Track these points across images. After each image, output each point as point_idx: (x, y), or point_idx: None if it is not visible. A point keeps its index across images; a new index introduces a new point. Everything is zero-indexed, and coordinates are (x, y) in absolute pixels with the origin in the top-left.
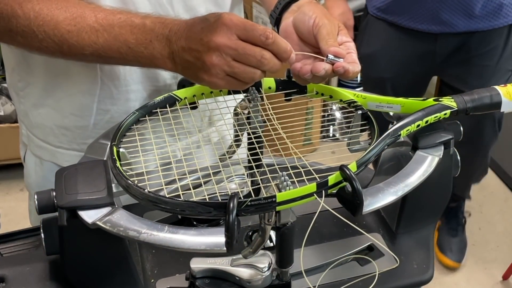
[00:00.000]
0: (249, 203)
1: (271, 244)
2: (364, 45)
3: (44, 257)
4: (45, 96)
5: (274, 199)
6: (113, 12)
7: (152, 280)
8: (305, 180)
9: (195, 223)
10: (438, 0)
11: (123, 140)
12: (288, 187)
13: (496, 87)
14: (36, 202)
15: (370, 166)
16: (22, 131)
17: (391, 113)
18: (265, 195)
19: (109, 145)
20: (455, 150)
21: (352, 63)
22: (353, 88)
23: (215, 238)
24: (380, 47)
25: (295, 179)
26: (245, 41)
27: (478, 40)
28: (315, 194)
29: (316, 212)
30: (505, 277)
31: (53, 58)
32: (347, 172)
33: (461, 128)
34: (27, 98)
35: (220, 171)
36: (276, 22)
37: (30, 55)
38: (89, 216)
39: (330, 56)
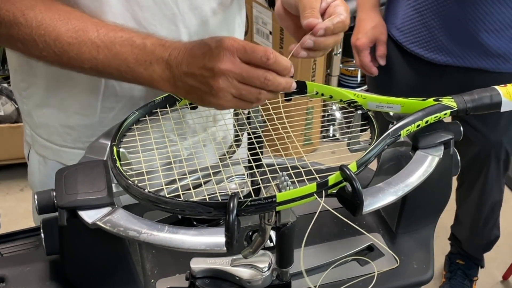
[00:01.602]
0: (249, 203)
1: (271, 244)
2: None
3: (44, 257)
4: (48, 96)
5: (274, 199)
6: (115, 28)
7: (152, 280)
8: (305, 180)
9: (195, 223)
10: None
11: (123, 140)
12: (288, 187)
13: (496, 87)
14: (36, 202)
15: (373, 165)
16: (26, 130)
17: (391, 113)
18: (265, 195)
19: (109, 145)
20: (455, 150)
21: (334, 17)
22: (354, 88)
23: (215, 238)
24: (391, 74)
25: (295, 179)
26: (248, 63)
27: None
28: (315, 194)
29: (316, 212)
30: (505, 277)
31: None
32: (347, 172)
33: (461, 128)
34: (30, 98)
35: (220, 171)
36: (270, 3)
37: None
38: (89, 216)
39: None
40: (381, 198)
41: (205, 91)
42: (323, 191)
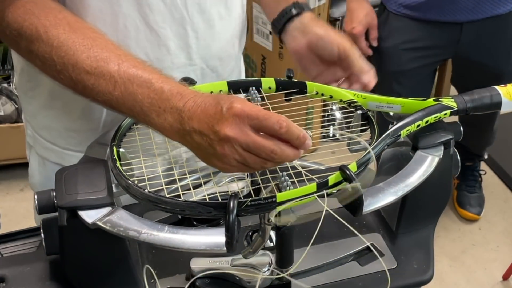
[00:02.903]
0: (249, 203)
1: (271, 244)
2: (384, 39)
3: (44, 257)
4: (52, 98)
5: (274, 199)
6: (137, 65)
7: (152, 280)
8: (305, 180)
9: (195, 223)
10: None
11: (123, 140)
12: (288, 187)
13: (496, 87)
14: (36, 202)
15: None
16: (27, 131)
17: (391, 113)
18: (265, 195)
19: (109, 145)
20: (455, 150)
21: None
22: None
23: (215, 238)
24: (401, 41)
25: (295, 179)
26: (259, 130)
27: (503, 24)
28: (315, 194)
29: (316, 212)
30: (505, 277)
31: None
32: (347, 172)
33: (461, 128)
34: (35, 99)
35: (220, 171)
36: (279, 31)
37: None
38: (89, 216)
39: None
40: (381, 198)
41: (210, 153)
42: (324, 191)
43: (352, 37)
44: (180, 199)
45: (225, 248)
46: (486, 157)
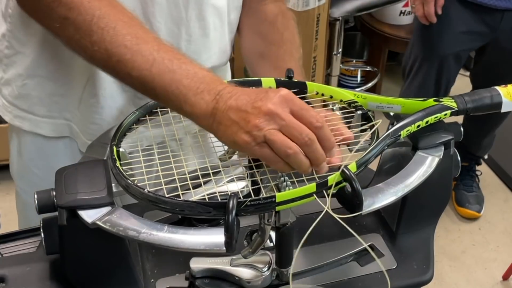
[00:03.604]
0: (249, 203)
1: (271, 244)
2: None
3: (44, 257)
4: (35, 66)
5: (273, 199)
6: (175, 50)
7: (152, 280)
8: (305, 180)
9: (194, 222)
10: None
11: (123, 139)
12: (287, 187)
13: (497, 87)
14: (36, 201)
15: (374, 166)
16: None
17: (392, 113)
18: (264, 195)
19: (109, 145)
20: (455, 150)
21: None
22: (353, 87)
23: (215, 238)
24: (445, 24)
25: (295, 179)
26: (296, 117)
27: None
28: (314, 195)
29: (316, 212)
30: (505, 277)
31: (55, 36)
32: (347, 172)
33: (462, 129)
34: (12, 66)
35: (220, 171)
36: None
37: (30, 24)
38: (88, 215)
39: None
40: (380, 198)
41: (240, 126)
42: (324, 192)
43: (421, 1)
44: (179, 199)
45: (224, 248)
46: (486, 157)
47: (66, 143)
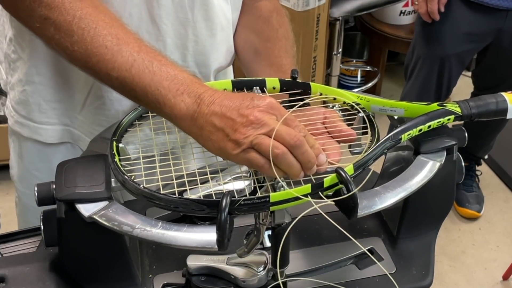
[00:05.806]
0: (242, 202)
1: (269, 244)
2: (430, 22)
3: (44, 257)
4: (32, 73)
5: (267, 199)
6: (156, 52)
7: (150, 276)
8: (301, 181)
9: (196, 220)
10: None
11: (124, 135)
12: (283, 188)
13: (503, 93)
14: (36, 193)
15: (378, 168)
16: (7, 103)
17: (395, 117)
18: (259, 195)
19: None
20: (459, 155)
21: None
22: (353, 87)
23: (207, 236)
24: (448, 24)
25: (291, 180)
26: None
27: None
28: (309, 196)
29: (317, 214)
30: (505, 277)
31: (36, 35)
32: (343, 174)
33: (466, 134)
34: (16, 71)
35: (218, 169)
36: None
37: (27, 31)
38: (86, 209)
39: None
40: (377, 202)
41: (225, 133)
42: (320, 193)
43: None
44: (174, 196)
45: (216, 247)
46: (486, 157)
47: (68, 146)
